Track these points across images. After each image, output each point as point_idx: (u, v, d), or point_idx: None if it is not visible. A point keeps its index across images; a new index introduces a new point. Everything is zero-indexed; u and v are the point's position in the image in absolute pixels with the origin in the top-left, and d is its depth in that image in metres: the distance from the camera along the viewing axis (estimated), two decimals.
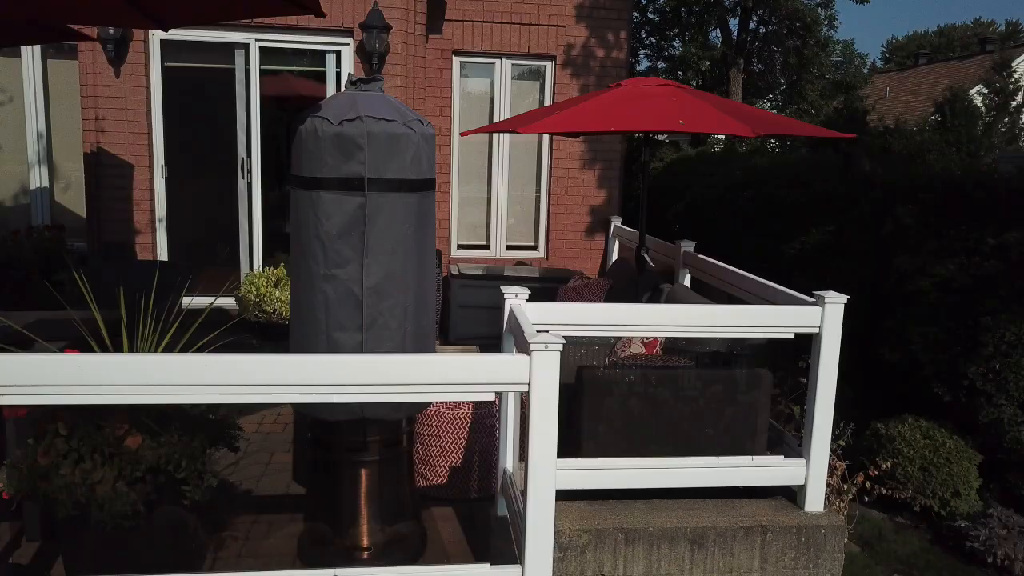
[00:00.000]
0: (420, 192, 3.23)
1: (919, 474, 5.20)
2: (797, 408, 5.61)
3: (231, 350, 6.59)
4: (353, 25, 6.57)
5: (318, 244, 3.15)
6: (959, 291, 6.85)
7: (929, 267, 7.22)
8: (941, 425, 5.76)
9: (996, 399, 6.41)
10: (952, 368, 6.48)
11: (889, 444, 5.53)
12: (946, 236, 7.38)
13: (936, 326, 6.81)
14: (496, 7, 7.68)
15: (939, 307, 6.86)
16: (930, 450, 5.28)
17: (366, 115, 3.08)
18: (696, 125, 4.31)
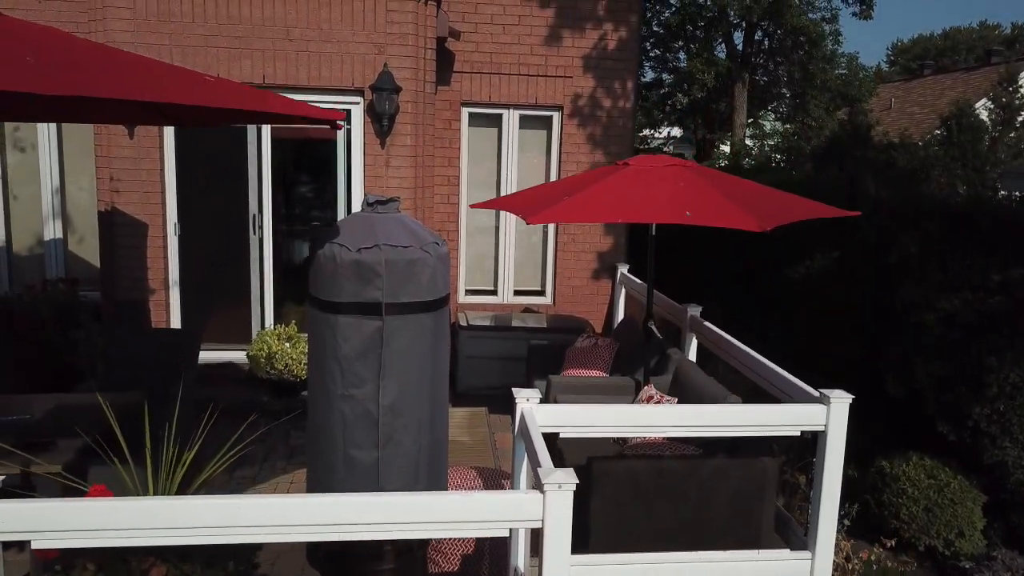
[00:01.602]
0: (435, 311, 3.32)
1: (923, 514, 5.27)
2: (803, 478, 5.69)
3: (243, 407, 6.69)
4: (364, 85, 6.66)
5: (336, 365, 3.24)
6: (964, 327, 6.91)
7: (933, 300, 7.28)
8: (945, 464, 5.82)
9: (1000, 441, 6.48)
10: (957, 408, 6.54)
11: (894, 483, 5.60)
12: (951, 268, 7.44)
13: (941, 363, 6.87)
14: (504, 59, 7.77)
15: (943, 342, 6.91)
16: (935, 490, 5.34)
17: (384, 243, 3.17)
18: (702, 218, 4.38)
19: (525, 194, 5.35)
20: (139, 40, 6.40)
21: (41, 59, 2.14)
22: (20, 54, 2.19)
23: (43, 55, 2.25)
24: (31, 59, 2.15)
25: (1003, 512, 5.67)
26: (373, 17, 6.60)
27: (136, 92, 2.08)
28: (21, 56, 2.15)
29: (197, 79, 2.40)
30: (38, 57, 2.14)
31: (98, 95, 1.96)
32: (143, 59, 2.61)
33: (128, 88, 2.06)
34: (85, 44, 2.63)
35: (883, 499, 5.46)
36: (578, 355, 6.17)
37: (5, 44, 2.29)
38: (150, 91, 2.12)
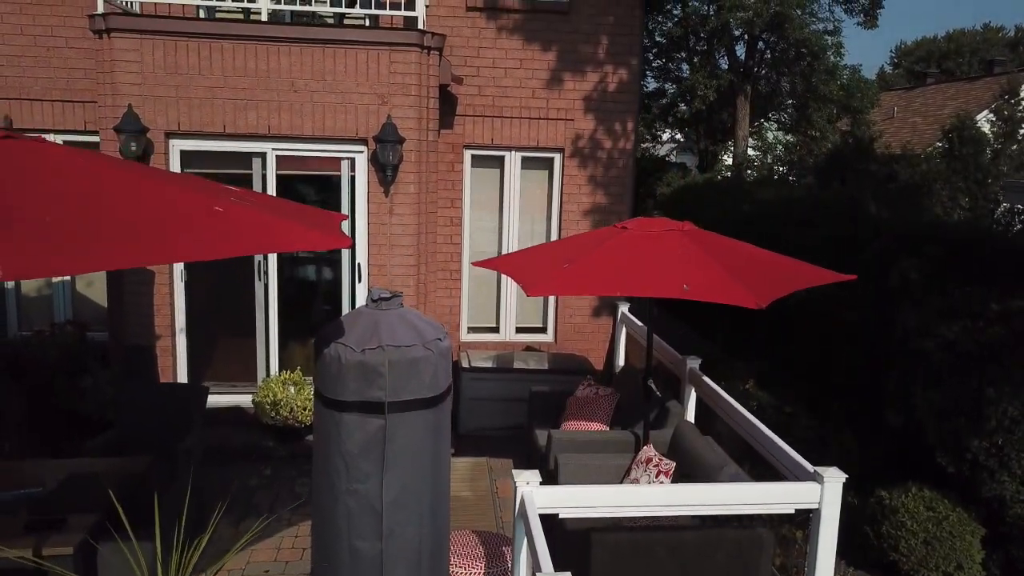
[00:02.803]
0: (437, 406, 3.41)
1: (922, 547, 5.33)
2: (800, 533, 5.78)
3: (249, 451, 6.78)
4: (367, 135, 6.76)
5: (340, 460, 3.33)
6: (963, 355, 6.97)
7: (934, 327, 7.34)
8: (944, 496, 5.88)
9: (998, 475, 6.56)
10: (956, 439, 6.61)
11: (893, 515, 5.66)
12: (951, 295, 7.50)
13: (940, 393, 6.93)
14: (506, 102, 7.85)
15: (943, 370, 6.97)
16: (933, 523, 5.41)
17: (387, 343, 3.26)
18: (700, 292, 4.46)
19: (526, 256, 5.43)
20: (146, 93, 6.50)
21: (58, 220, 2.23)
22: (40, 210, 2.29)
23: (59, 207, 2.34)
24: (49, 219, 2.24)
25: (1002, 544, 5.72)
26: (376, 68, 6.69)
27: (144, 257, 2.17)
28: (41, 217, 2.24)
29: (206, 222, 2.49)
30: (60, 222, 2.23)
31: (110, 268, 2.05)
32: (153, 192, 2.70)
33: (138, 254, 2.16)
34: (97, 175, 2.72)
35: (882, 531, 5.54)
36: (579, 405, 6.25)
37: (25, 195, 2.39)
38: (158, 253, 2.21)
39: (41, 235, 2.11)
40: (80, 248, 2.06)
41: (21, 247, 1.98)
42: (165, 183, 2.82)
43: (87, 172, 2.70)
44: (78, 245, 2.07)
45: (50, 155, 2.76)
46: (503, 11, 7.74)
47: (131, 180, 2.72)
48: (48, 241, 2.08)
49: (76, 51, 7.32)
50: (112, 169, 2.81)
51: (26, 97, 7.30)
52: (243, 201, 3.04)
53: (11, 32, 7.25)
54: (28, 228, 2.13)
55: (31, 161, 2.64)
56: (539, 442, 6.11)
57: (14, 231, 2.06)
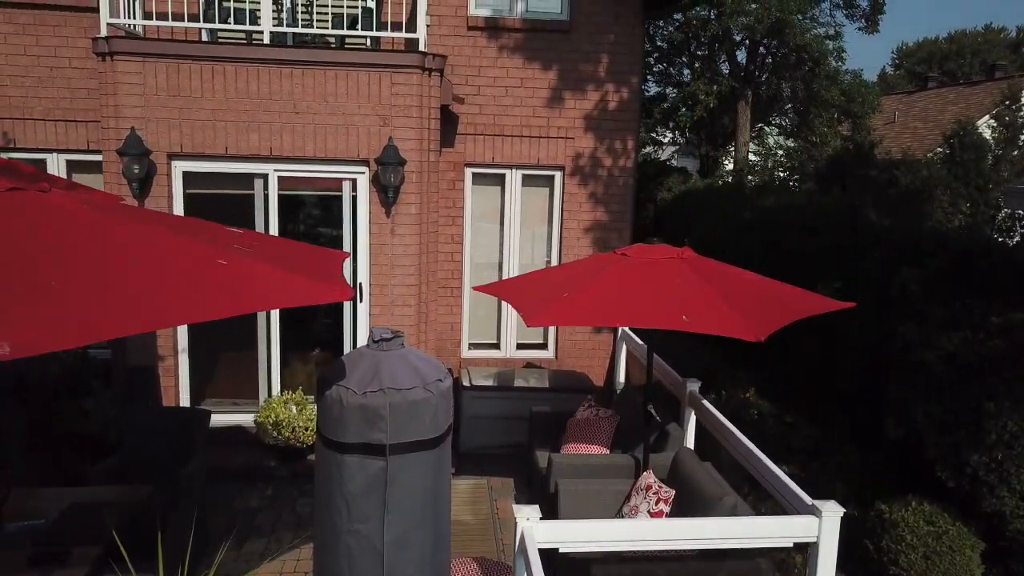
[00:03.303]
0: (437, 447, 3.44)
1: (922, 561, 5.35)
2: (799, 557, 5.81)
3: (251, 472, 6.82)
4: (369, 156, 6.79)
5: (342, 501, 3.36)
6: (964, 368, 7.00)
7: (934, 339, 7.36)
8: (945, 509, 5.91)
9: (998, 491, 6.59)
10: (956, 453, 6.63)
11: (893, 529, 5.68)
12: (952, 307, 7.52)
13: (941, 405, 6.96)
14: (507, 121, 7.88)
15: (943, 382, 7.00)
16: (933, 537, 5.43)
17: (388, 386, 3.30)
18: (700, 324, 4.49)
19: (526, 281, 5.47)
20: (149, 115, 6.53)
21: (64, 284, 2.26)
22: (46, 272, 2.32)
23: (65, 269, 2.37)
24: (56, 284, 2.27)
25: (1002, 559, 5.75)
26: (378, 89, 6.72)
27: (152, 323, 2.21)
28: (47, 281, 2.27)
29: (212, 280, 2.52)
30: (64, 283, 2.26)
31: (118, 335, 2.08)
32: (159, 247, 2.73)
33: (146, 321, 2.19)
34: (101, 229, 2.75)
35: (882, 544, 5.57)
36: (579, 427, 6.28)
37: (31, 256, 2.42)
38: (166, 318, 2.25)
39: (48, 303, 2.14)
40: (88, 318, 2.09)
41: (29, 320, 2.01)
42: (170, 233, 2.85)
43: (91, 225, 2.73)
44: (86, 314, 2.10)
45: (54, 208, 2.79)
46: (504, 30, 7.77)
47: (136, 234, 2.76)
48: (55, 310, 2.11)
49: (79, 71, 7.35)
50: (116, 221, 2.84)
51: (29, 117, 7.34)
52: (245, 248, 3.07)
53: (14, 52, 7.29)
54: (35, 296, 2.16)
55: (35, 215, 2.68)
56: (540, 464, 6.14)
57: (21, 301, 2.09)
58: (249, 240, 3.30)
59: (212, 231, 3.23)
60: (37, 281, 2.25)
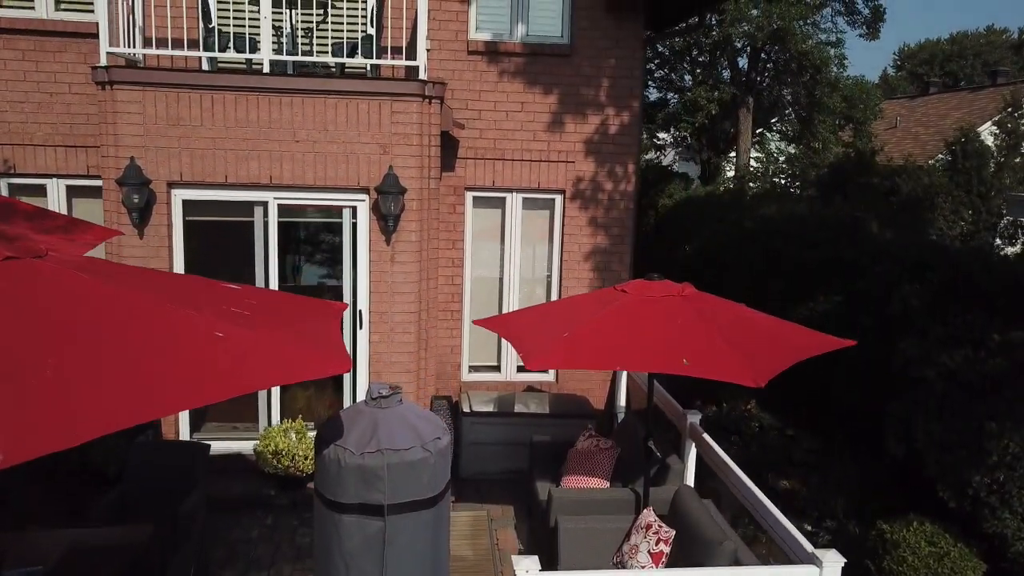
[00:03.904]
0: (435, 506, 3.43)
1: None
2: None
3: (251, 500, 6.80)
4: (369, 184, 6.77)
5: (340, 560, 3.35)
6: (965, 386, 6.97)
7: (935, 355, 7.34)
8: (946, 529, 5.89)
9: (1000, 512, 6.58)
10: (956, 473, 6.62)
11: (894, 550, 5.67)
12: (953, 323, 7.50)
13: (941, 423, 6.94)
14: (507, 145, 7.87)
15: (944, 400, 6.98)
16: (935, 559, 5.42)
17: (386, 447, 3.29)
18: (700, 368, 4.47)
19: (526, 318, 5.45)
20: (148, 143, 6.52)
21: (58, 371, 2.25)
22: (40, 357, 2.31)
23: (58, 352, 2.36)
24: (50, 373, 2.26)
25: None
26: (378, 118, 6.71)
27: (149, 414, 2.19)
28: (42, 367, 2.26)
29: (209, 359, 2.51)
30: (58, 372, 2.25)
31: (112, 430, 2.07)
32: (154, 319, 2.72)
33: (142, 411, 2.18)
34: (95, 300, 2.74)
35: (884, 565, 5.55)
36: (580, 459, 6.27)
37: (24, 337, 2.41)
38: (161, 406, 2.24)
39: (43, 397, 2.13)
40: (83, 413, 2.07)
41: (22, 421, 2.00)
42: (166, 303, 2.84)
43: (87, 299, 2.71)
44: (81, 410, 2.09)
45: (49, 280, 2.78)
46: (504, 55, 7.75)
47: (132, 307, 2.74)
48: (49, 406, 2.09)
49: (79, 96, 7.34)
50: (112, 290, 2.83)
51: (29, 143, 7.33)
52: (243, 312, 3.06)
53: (14, 78, 7.28)
54: (29, 390, 2.15)
55: (29, 292, 2.66)
56: (540, 496, 6.14)
57: (15, 398, 2.08)
58: (247, 299, 3.29)
59: (209, 292, 3.22)
60: (32, 371, 2.24)
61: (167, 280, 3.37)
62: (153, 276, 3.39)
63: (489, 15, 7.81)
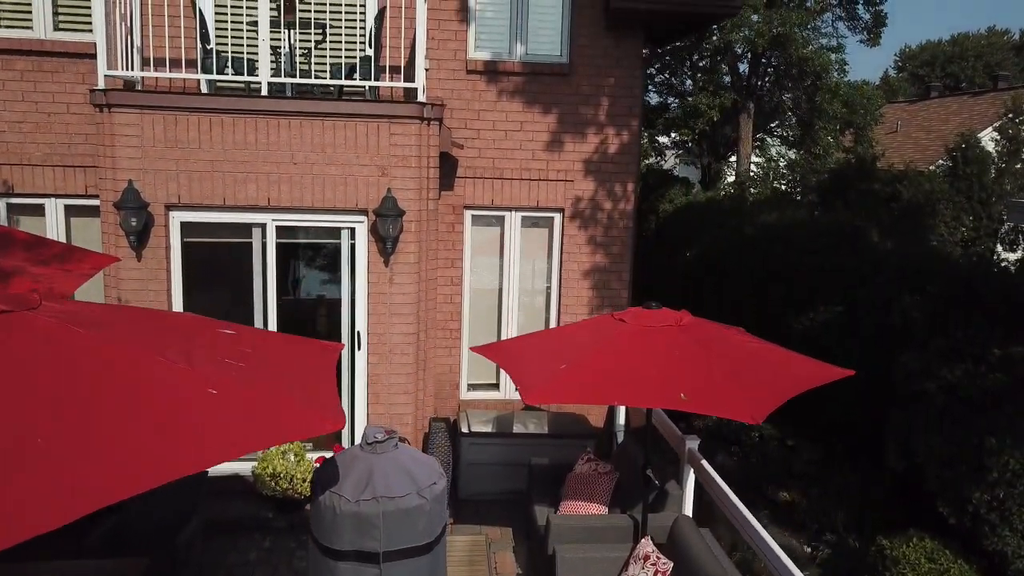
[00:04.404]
0: (431, 552, 3.42)
1: None
2: None
3: (248, 523, 6.79)
4: (367, 207, 6.76)
5: None
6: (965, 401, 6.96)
7: (935, 369, 7.33)
8: (946, 545, 5.87)
9: (1000, 530, 6.58)
10: (957, 489, 6.61)
11: (894, 567, 5.66)
12: (953, 336, 7.48)
13: (941, 437, 6.93)
14: (506, 164, 7.86)
15: (945, 414, 6.96)
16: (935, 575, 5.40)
17: (382, 495, 3.28)
18: (697, 404, 4.46)
19: (524, 346, 5.44)
20: (147, 166, 6.51)
21: (48, 440, 2.24)
22: (34, 427, 2.30)
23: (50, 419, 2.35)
24: (41, 442, 2.25)
25: None
26: (376, 140, 6.70)
27: (138, 487, 2.18)
28: (33, 438, 2.25)
29: (204, 420, 2.50)
30: (48, 441, 2.24)
31: (105, 504, 2.07)
32: (148, 374, 2.71)
33: (135, 483, 2.17)
34: (86, 356, 2.73)
35: None
36: (578, 483, 6.26)
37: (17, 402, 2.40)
38: (155, 475, 2.23)
39: (34, 469, 2.12)
40: (77, 487, 2.06)
41: (14, 498, 1.99)
42: (158, 357, 2.83)
43: (79, 356, 2.70)
44: (74, 482, 2.08)
45: (40, 335, 2.77)
46: (503, 74, 7.74)
47: (125, 363, 2.73)
48: (40, 478, 2.08)
49: (77, 116, 7.33)
50: (103, 343, 2.82)
51: (27, 163, 7.32)
52: (238, 363, 3.05)
53: (12, 99, 7.27)
54: (19, 462, 2.14)
55: (19, 350, 2.66)
56: (538, 522, 6.12)
57: (6, 473, 2.07)
58: (240, 346, 3.28)
59: (204, 339, 3.21)
60: (24, 442, 2.23)
61: (161, 325, 3.35)
62: (147, 321, 3.38)
63: (488, 34, 7.80)
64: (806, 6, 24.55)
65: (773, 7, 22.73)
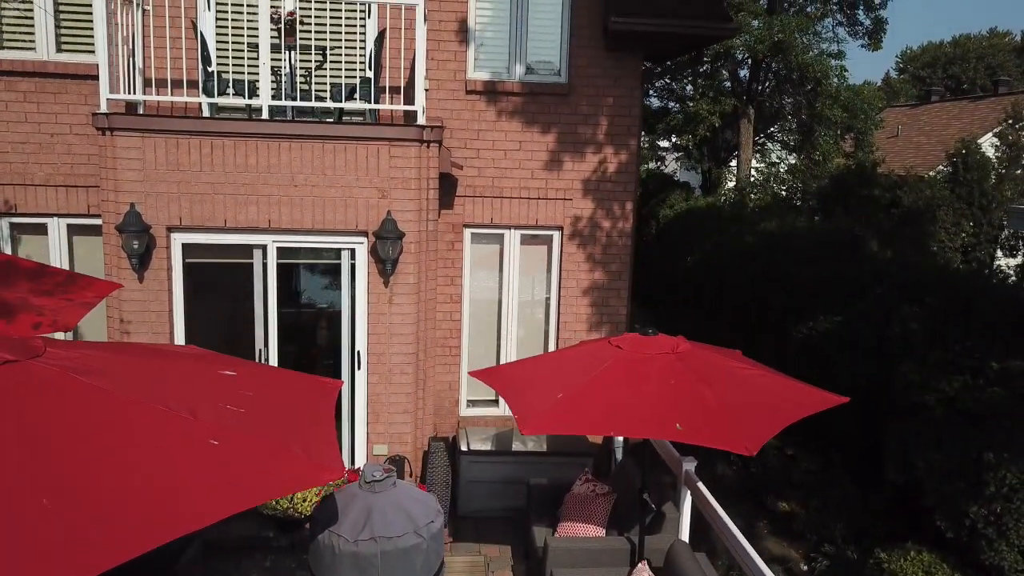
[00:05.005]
0: None
1: None
2: None
3: (249, 542, 6.84)
4: (367, 228, 6.82)
5: None
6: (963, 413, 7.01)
7: (934, 381, 7.38)
8: (943, 559, 5.92)
9: (997, 544, 6.63)
10: (955, 503, 6.67)
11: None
12: (952, 349, 7.53)
13: (940, 452, 6.98)
14: (506, 183, 7.91)
15: (943, 427, 7.01)
16: None
17: (379, 534, 3.33)
18: (693, 435, 4.51)
19: (522, 372, 5.49)
20: (148, 189, 6.57)
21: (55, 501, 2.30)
22: (39, 487, 2.35)
23: (55, 480, 2.40)
24: (47, 503, 2.31)
25: None
26: (376, 162, 6.75)
27: (145, 546, 2.24)
28: (38, 499, 2.30)
29: (205, 476, 2.56)
30: (56, 501, 2.30)
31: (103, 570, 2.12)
32: (152, 424, 2.76)
33: (139, 543, 2.22)
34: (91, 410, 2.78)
35: None
36: (576, 504, 6.31)
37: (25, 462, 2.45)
38: (161, 533, 2.28)
39: (40, 532, 2.17)
40: (84, 549, 2.12)
41: (23, 565, 2.04)
42: (162, 408, 2.88)
43: (82, 408, 2.76)
44: (81, 545, 2.13)
45: (44, 387, 2.82)
46: (503, 94, 7.79)
47: (129, 414, 2.79)
48: (48, 541, 2.14)
49: (79, 137, 7.39)
50: (107, 393, 2.87)
51: (30, 183, 7.38)
52: (238, 408, 3.10)
53: (15, 119, 7.33)
54: (26, 525, 2.19)
55: (23, 404, 2.71)
56: (536, 543, 6.18)
57: (14, 536, 2.12)
58: (242, 389, 3.33)
59: (206, 383, 3.26)
60: (28, 504, 2.28)
61: (163, 368, 3.41)
62: (149, 363, 3.43)
63: (488, 55, 7.85)
64: (806, 11, 24.60)
65: (774, 13, 22.76)
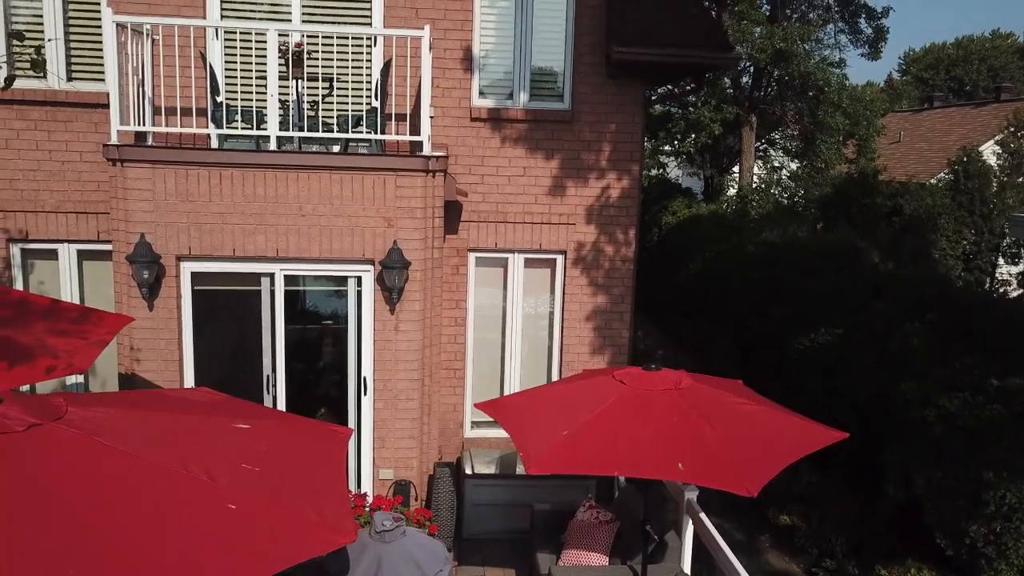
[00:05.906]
0: None
1: None
2: None
3: None
4: (374, 257, 6.91)
5: None
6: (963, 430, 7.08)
7: (935, 397, 7.46)
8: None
9: (997, 564, 6.71)
10: (954, 520, 6.75)
11: None
12: (952, 366, 7.60)
13: (940, 469, 7.05)
14: (509, 209, 8.00)
15: (944, 444, 7.09)
16: None
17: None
18: (694, 475, 4.61)
19: (526, 405, 5.58)
20: (158, 219, 6.67)
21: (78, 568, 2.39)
22: (63, 558, 2.44)
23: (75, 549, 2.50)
24: (73, 573, 2.40)
25: None
26: (383, 192, 6.85)
27: None
28: (65, 571, 2.40)
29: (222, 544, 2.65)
30: (80, 571, 2.39)
31: None
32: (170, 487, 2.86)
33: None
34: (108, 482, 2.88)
35: None
36: (579, 532, 6.40)
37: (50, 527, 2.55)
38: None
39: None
40: None
41: None
42: (180, 464, 2.98)
43: (102, 472, 2.86)
44: None
45: (66, 449, 2.93)
46: (507, 121, 7.88)
47: (146, 475, 2.89)
48: None
49: (89, 164, 7.49)
50: (127, 455, 2.97)
51: (41, 210, 7.48)
52: (253, 466, 3.20)
53: (26, 147, 7.43)
54: None
55: (48, 469, 2.81)
56: (541, 570, 6.28)
57: None
58: (257, 442, 3.43)
59: (222, 441, 3.36)
60: (56, 571, 2.38)
61: (180, 423, 3.50)
62: (166, 419, 3.53)
63: (492, 82, 7.94)
64: (808, 19, 24.65)
65: (775, 22, 22.82)
